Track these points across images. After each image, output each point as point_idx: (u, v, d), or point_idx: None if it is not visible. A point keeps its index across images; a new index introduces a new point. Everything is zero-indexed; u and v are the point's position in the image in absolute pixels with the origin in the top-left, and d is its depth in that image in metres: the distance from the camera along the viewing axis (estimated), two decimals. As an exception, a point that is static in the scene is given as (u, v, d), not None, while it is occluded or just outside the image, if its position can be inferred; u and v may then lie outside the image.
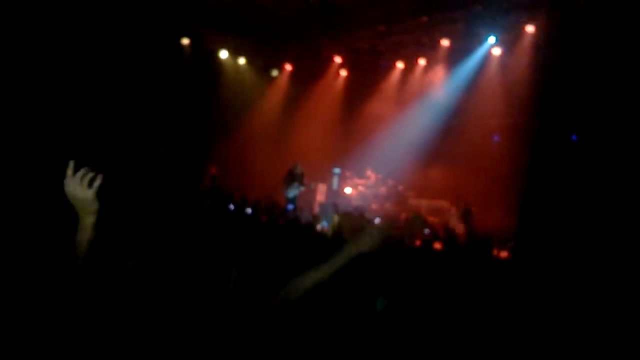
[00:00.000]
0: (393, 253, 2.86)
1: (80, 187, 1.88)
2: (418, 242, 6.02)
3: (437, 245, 5.66)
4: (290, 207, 11.59)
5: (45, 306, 1.91)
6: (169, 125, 13.23)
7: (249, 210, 9.53)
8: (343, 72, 15.32)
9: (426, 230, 6.96)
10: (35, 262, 2.22)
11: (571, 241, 7.31)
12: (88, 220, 1.90)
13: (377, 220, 8.44)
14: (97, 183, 1.91)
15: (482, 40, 12.53)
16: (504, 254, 6.16)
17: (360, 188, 13.13)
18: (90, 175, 1.91)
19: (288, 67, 15.31)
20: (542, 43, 11.54)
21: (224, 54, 14.31)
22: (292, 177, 12.33)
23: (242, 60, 14.70)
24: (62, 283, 1.90)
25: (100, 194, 1.90)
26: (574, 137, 11.90)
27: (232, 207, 8.65)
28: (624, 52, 9.98)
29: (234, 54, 14.47)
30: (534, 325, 3.64)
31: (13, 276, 2.08)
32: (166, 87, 13.10)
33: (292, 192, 12.17)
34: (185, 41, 13.81)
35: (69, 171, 1.89)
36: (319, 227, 8.45)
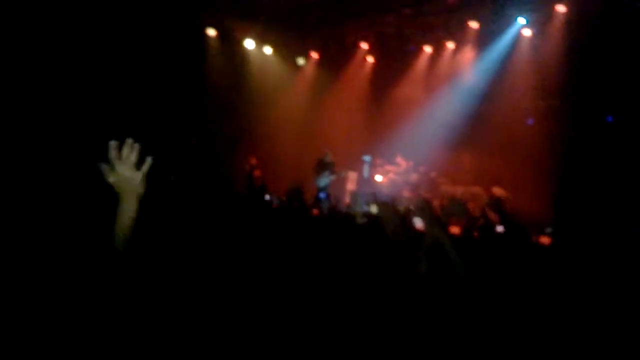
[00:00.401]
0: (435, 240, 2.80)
1: (129, 168, 1.84)
2: (457, 229, 5.94)
3: (475, 233, 5.58)
4: (323, 195, 11.56)
5: (87, 294, 1.86)
6: (198, 116, 13.30)
7: (271, 199, 9.55)
8: (370, 58, 15.16)
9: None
10: (72, 249, 2.17)
11: (611, 224, 7.13)
12: (132, 204, 1.85)
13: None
14: (146, 166, 1.87)
15: (511, 22, 12.28)
16: (544, 239, 6.03)
17: (391, 175, 13.02)
18: (136, 155, 1.86)
19: (314, 55, 15.22)
20: (574, 23, 11.26)
21: (249, 44, 14.28)
22: (323, 166, 12.30)
23: (268, 50, 14.65)
24: (104, 269, 1.86)
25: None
26: (609, 119, 11.63)
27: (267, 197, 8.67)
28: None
29: (260, 43, 14.43)
30: (582, 311, 3.55)
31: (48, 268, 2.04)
32: (193, 78, 13.16)
33: (323, 180, 12.15)
34: (212, 32, 13.82)
35: (114, 152, 1.83)
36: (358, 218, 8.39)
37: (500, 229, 6.54)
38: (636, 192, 9.35)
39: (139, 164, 1.87)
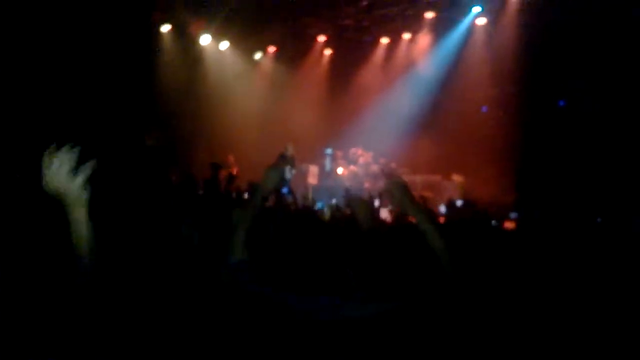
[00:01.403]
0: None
1: (66, 174, 1.70)
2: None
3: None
4: (285, 190, 11.47)
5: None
6: (153, 115, 13.00)
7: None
8: (327, 51, 15.15)
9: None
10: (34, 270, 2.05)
11: (572, 207, 7.34)
12: (79, 214, 1.72)
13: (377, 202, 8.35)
14: (86, 171, 1.73)
15: (466, 11, 12.47)
16: (509, 224, 6.14)
17: (352, 167, 13.05)
18: (73, 159, 1.72)
19: (272, 49, 15.11)
20: (527, 10, 11.51)
21: (205, 39, 14.05)
22: (284, 160, 12.17)
23: (224, 45, 14.44)
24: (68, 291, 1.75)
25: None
26: (561, 103, 11.97)
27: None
28: (609, 15, 9.98)
29: (216, 39, 14.21)
30: (553, 293, 3.62)
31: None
32: (146, 76, 12.86)
33: (285, 175, 12.03)
34: (166, 28, 13.52)
35: (48, 158, 1.70)
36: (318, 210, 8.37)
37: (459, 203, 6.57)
38: (589, 173, 9.66)
39: (78, 169, 1.73)
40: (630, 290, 3.47)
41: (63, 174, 1.70)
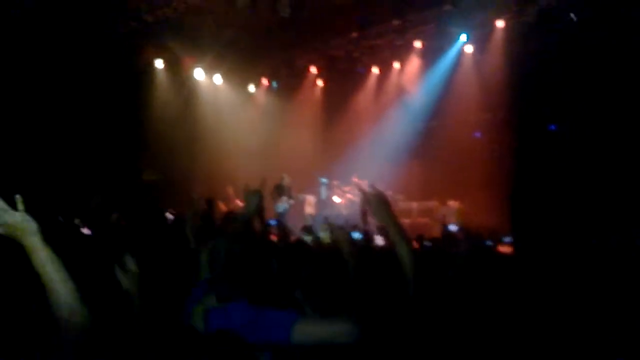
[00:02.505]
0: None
1: (5, 215, 1.74)
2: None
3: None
4: (273, 222, 11.39)
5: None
6: (149, 150, 13.08)
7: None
8: (319, 82, 15.36)
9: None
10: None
11: (567, 229, 7.40)
12: (33, 242, 1.74)
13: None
14: (19, 204, 1.77)
15: (454, 39, 12.70)
16: (505, 249, 6.18)
17: (349, 196, 13.12)
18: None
19: (265, 81, 15.31)
20: (512, 37, 11.74)
21: (199, 73, 14.22)
22: (280, 191, 12.17)
23: (218, 79, 14.62)
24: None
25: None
26: (552, 127, 12.13)
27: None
28: (595, 40, 10.20)
29: (209, 72, 14.39)
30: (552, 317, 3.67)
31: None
32: (142, 110, 12.98)
33: (282, 206, 12.02)
34: (159, 63, 13.69)
35: None
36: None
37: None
38: (582, 194, 9.75)
39: (13, 204, 1.77)
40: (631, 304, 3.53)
41: (4, 212, 1.75)
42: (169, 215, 6.66)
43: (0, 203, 1.76)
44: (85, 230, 5.56)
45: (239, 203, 11.99)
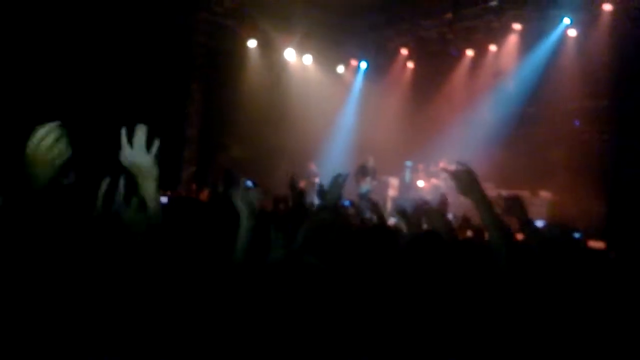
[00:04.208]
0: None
1: (139, 153, 1.84)
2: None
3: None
4: (347, 203, 11.31)
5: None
6: (241, 126, 13.47)
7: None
8: (410, 64, 15.07)
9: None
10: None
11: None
12: (150, 188, 1.87)
13: (450, 216, 8.14)
14: (155, 148, 1.87)
15: (556, 22, 12.03)
16: (597, 244, 5.82)
17: (434, 181, 12.84)
18: (145, 137, 1.86)
19: (354, 62, 15.24)
20: (621, 21, 10.97)
21: (290, 54, 14.40)
22: (364, 172, 12.16)
23: (307, 59, 14.73)
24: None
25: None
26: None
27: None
28: None
29: (300, 52, 14.54)
30: None
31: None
32: (235, 89, 13.38)
33: (365, 187, 12.02)
34: (252, 44, 14.01)
35: (124, 139, 1.85)
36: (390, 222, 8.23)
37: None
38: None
39: (151, 146, 1.87)
40: None
41: (139, 149, 1.84)
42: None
43: (140, 142, 1.86)
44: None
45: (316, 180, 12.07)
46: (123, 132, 1.85)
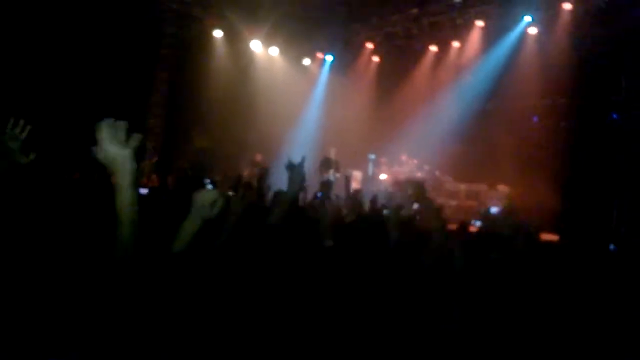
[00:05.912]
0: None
1: (117, 146, 1.79)
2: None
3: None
4: (320, 194, 11.48)
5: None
6: (205, 119, 13.42)
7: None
8: (375, 58, 15.21)
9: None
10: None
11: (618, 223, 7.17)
12: (125, 181, 1.80)
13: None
14: (134, 143, 1.82)
15: (517, 20, 12.30)
16: (550, 237, 6.05)
17: (395, 173, 13.02)
18: (124, 131, 1.81)
19: (320, 55, 15.29)
20: (580, 20, 11.27)
21: (256, 45, 14.36)
22: (327, 164, 12.21)
23: (274, 50, 14.72)
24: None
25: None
26: (614, 116, 11.63)
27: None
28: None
29: (266, 44, 14.51)
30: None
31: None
32: (200, 80, 13.29)
33: (328, 179, 12.05)
34: (218, 34, 13.92)
35: (100, 130, 1.79)
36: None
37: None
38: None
39: (128, 140, 1.82)
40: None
41: (116, 143, 1.80)
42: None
43: (120, 134, 1.82)
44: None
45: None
46: (101, 124, 1.80)
